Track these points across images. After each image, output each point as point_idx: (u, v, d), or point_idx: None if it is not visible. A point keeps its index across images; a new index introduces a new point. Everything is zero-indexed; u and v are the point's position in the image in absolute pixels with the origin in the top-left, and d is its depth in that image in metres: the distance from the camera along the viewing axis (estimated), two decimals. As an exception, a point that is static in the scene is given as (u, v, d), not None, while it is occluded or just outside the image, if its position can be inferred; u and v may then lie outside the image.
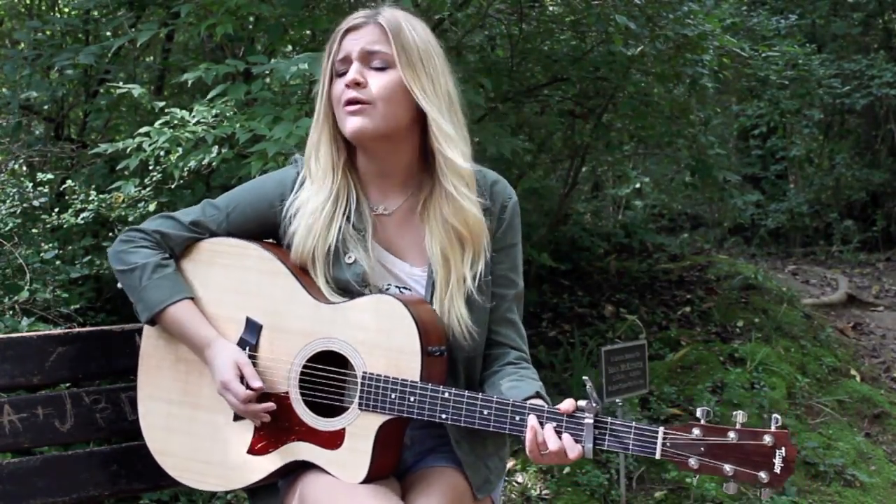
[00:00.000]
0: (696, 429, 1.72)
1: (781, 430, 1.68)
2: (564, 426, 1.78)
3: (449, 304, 1.94)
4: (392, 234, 2.04)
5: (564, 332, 5.67)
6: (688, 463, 1.71)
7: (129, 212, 3.52)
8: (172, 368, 2.06)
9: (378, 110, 1.92)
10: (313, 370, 1.95)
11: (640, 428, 1.74)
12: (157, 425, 2.06)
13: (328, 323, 1.93)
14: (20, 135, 4.94)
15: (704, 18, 4.89)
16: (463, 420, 1.84)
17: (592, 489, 3.97)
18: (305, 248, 1.98)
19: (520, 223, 2.09)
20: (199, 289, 2.04)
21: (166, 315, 1.99)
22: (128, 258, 2.02)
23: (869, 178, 10.30)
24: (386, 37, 1.93)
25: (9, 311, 3.44)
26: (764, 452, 1.68)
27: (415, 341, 1.86)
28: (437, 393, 1.85)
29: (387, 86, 1.91)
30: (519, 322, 2.10)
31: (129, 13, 4.51)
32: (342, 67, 1.95)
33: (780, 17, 7.74)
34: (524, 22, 5.01)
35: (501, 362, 2.04)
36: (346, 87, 1.92)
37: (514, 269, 2.06)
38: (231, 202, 2.08)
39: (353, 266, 1.97)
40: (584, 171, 7.00)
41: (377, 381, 1.87)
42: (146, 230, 2.05)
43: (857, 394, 5.31)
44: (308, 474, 1.92)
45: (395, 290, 2.02)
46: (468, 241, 1.96)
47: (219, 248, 2.05)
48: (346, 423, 1.90)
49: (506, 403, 1.82)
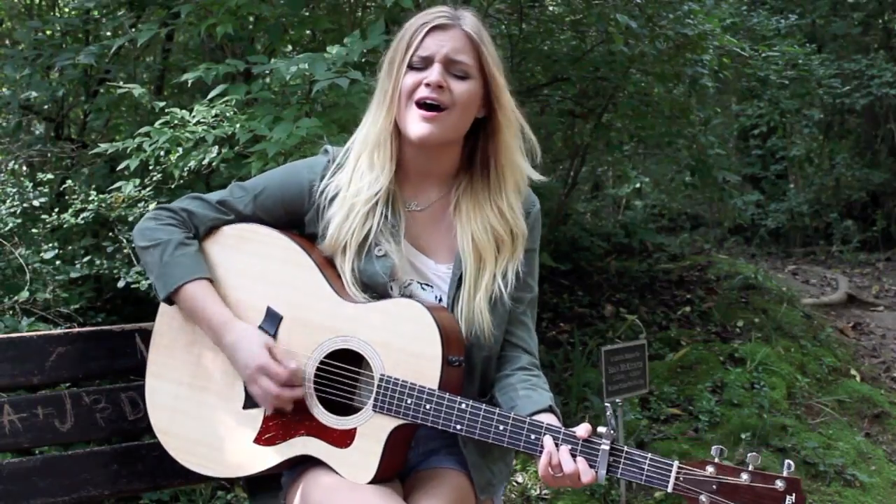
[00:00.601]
0: (710, 466, 1.73)
1: (794, 477, 1.70)
2: (580, 450, 1.79)
3: (476, 303, 1.95)
4: (420, 231, 2.04)
5: (564, 332, 5.67)
6: (698, 500, 1.73)
7: (129, 212, 3.52)
8: (185, 350, 2.05)
9: (451, 118, 1.94)
10: (329, 367, 1.94)
11: (655, 460, 1.75)
12: (164, 405, 2.05)
13: (350, 321, 1.93)
14: (20, 135, 4.94)
15: (704, 18, 4.89)
16: (478, 433, 1.83)
17: (592, 489, 3.97)
18: (341, 235, 1.97)
19: (540, 230, 2.13)
20: (222, 273, 2.03)
21: (184, 291, 1.97)
22: (152, 234, 2.01)
23: (869, 178, 10.30)
24: (471, 46, 1.95)
25: (9, 311, 3.44)
26: (775, 497, 1.69)
27: (437, 349, 1.86)
28: (454, 403, 1.84)
29: (466, 95, 1.94)
30: (532, 326, 2.11)
31: (129, 13, 4.51)
32: (420, 64, 1.94)
33: (780, 17, 7.75)
34: (524, 22, 5.01)
35: (514, 366, 2.04)
36: (426, 87, 1.91)
37: (531, 274, 2.09)
38: (259, 185, 2.07)
39: (384, 259, 1.97)
40: (584, 171, 7.01)
41: (395, 384, 1.87)
42: (174, 208, 2.05)
43: (857, 394, 5.31)
44: (312, 471, 1.92)
45: (416, 286, 2.01)
46: (506, 245, 1.99)
47: (246, 235, 2.04)
48: (358, 423, 1.89)
49: (522, 421, 1.82)
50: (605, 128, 5.75)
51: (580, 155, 6.07)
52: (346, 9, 4.57)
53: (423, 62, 1.94)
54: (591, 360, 5.07)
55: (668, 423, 4.71)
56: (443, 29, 1.94)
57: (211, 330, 1.97)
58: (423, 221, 2.05)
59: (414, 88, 1.93)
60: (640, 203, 9.79)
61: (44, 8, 5.68)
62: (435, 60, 1.93)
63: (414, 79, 1.93)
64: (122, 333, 2.23)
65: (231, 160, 3.48)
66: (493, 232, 1.98)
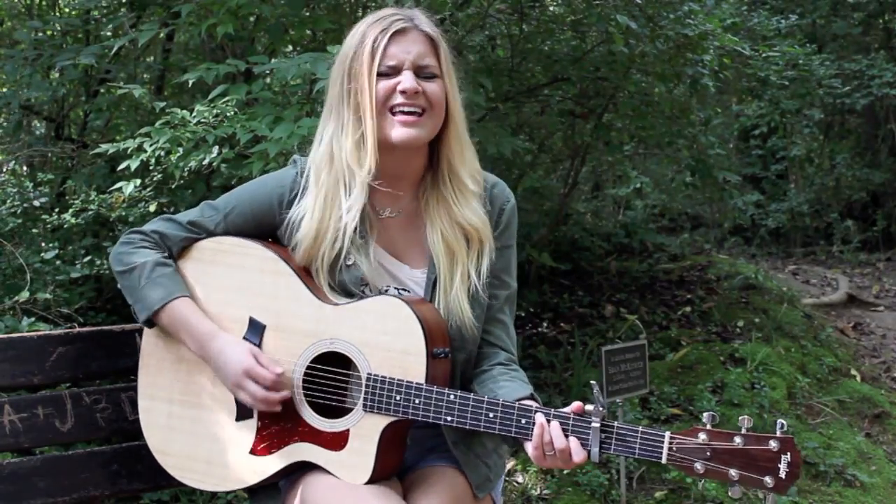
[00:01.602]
0: (702, 433, 1.72)
1: (787, 436, 1.69)
2: (571, 429, 1.79)
3: (453, 298, 1.96)
4: (394, 237, 2.05)
5: (564, 332, 5.67)
6: (693, 467, 1.72)
7: (130, 212, 3.52)
8: (173, 368, 2.06)
9: (430, 120, 1.95)
10: (317, 371, 1.94)
11: (647, 432, 1.75)
12: (158, 424, 2.06)
13: (332, 323, 1.93)
14: (20, 135, 4.94)
15: (705, 18, 4.89)
16: (469, 423, 1.84)
17: (593, 489, 3.97)
18: (309, 257, 1.98)
19: (516, 226, 2.13)
20: (201, 288, 2.04)
21: (165, 312, 1.98)
22: (127, 259, 2.03)
23: (869, 178, 10.29)
24: (433, 47, 1.97)
25: (9, 311, 3.44)
26: (769, 457, 1.68)
27: (420, 343, 1.86)
28: (442, 395, 1.85)
29: (439, 95, 1.95)
30: (510, 323, 2.11)
31: (130, 13, 4.51)
32: (388, 71, 1.94)
33: (780, 17, 7.74)
34: (524, 22, 5.01)
35: (491, 362, 2.04)
36: (401, 94, 1.92)
37: (507, 270, 2.09)
38: (229, 203, 2.08)
39: (352, 269, 1.98)
40: (584, 171, 7.00)
41: (382, 382, 1.87)
42: (145, 231, 2.07)
43: (857, 394, 5.31)
44: (310, 475, 1.92)
45: (393, 291, 2.02)
46: (474, 238, 1.99)
47: (221, 248, 2.05)
48: (350, 425, 1.90)
49: (512, 406, 1.82)
50: (606, 128, 5.75)
51: (580, 155, 6.06)
52: (347, 9, 4.57)
53: (390, 68, 1.93)
54: (592, 360, 5.07)
55: (668, 423, 4.71)
56: (402, 33, 1.95)
57: (195, 344, 1.98)
58: (397, 227, 2.05)
59: (388, 96, 1.93)
60: (640, 203, 9.78)
61: (44, 8, 5.68)
62: (404, 67, 1.93)
63: (385, 87, 1.93)
64: (122, 333, 2.23)
65: (232, 160, 3.48)
66: (460, 227, 1.99)
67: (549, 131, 5.92)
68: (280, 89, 3.85)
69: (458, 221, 1.98)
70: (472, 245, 2.00)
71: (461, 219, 1.98)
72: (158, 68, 5.20)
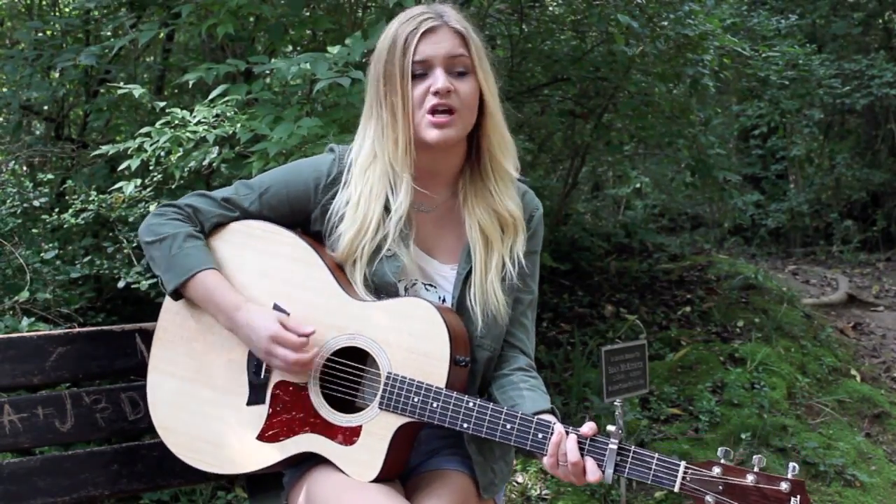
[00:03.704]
0: (717, 467, 1.74)
1: (799, 480, 1.71)
2: (587, 449, 1.79)
3: (490, 285, 1.98)
4: (428, 232, 2.06)
5: (564, 332, 5.67)
6: (704, 499, 1.73)
7: (130, 212, 3.52)
8: (188, 346, 2.05)
9: (463, 118, 1.96)
10: (335, 364, 1.94)
11: (663, 459, 1.76)
12: (165, 400, 2.05)
13: (357, 319, 1.93)
14: (20, 135, 4.94)
15: (705, 18, 4.90)
16: (485, 432, 1.84)
17: (593, 490, 3.97)
18: (352, 249, 1.98)
19: (542, 234, 2.17)
20: (229, 270, 2.02)
21: (194, 282, 1.97)
22: (159, 229, 2.01)
23: (869, 178, 10.29)
24: (464, 42, 1.97)
25: (9, 311, 3.44)
26: (780, 498, 1.70)
27: (445, 348, 1.86)
28: (461, 402, 1.84)
29: (471, 93, 1.96)
30: (531, 328, 2.12)
31: (130, 13, 4.51)
32: (420, 69, 1.94)
33: (780, 17, 7.74)
34: (524, 22, 5.01)
35: (513, 365, 2.04)
36: (434, 94, 1.92)
37: (532, 276, 2.11)
38: (264, 183, 2.07)
39: (392, 259, 1.98)
40: (584, 171, 7.00)
41: (402, 382, 1.87)
42: (178, 204, 2.06)
43: (857, 394, 5.31)
44: (316, 470, 1.92)
45: (420, 286, 2.02)
46: (510, 225, 2.02)
47: (253, 232, 2.04)
48: (364, 421, 1.90)
49: (529, 420, 1.83)
50: (606, 128, 5.75)
51: (580, 155, 6.07)
52: (347, 9, 4.58)
53: (422, 67, 1.94)
54: (592, 360, 5.07)
55: (668, 423, 4.71)
56: (433, 32, 1.95)
57: (223, 314, 1.96)
58: (431, 223, 2.06)
59: (422, 98, 1.93)
60: (640, 203, 9.79)
61: (44, 8, 5.68)
62: (435, 65, 1.94)
63: (420, 88, 1.94)
64: (122, 333, 2.23)
65: (232, 160, 3.48)
66: (497, 216, 2.02)
67: (549, 131, 5.93)
68: (280, 89, 3.85)
69: (495, 209, 2.01)
70: (507, 232, 2.02)
71: (500, 207, 2.01)
72: (158, 68, 5.20)
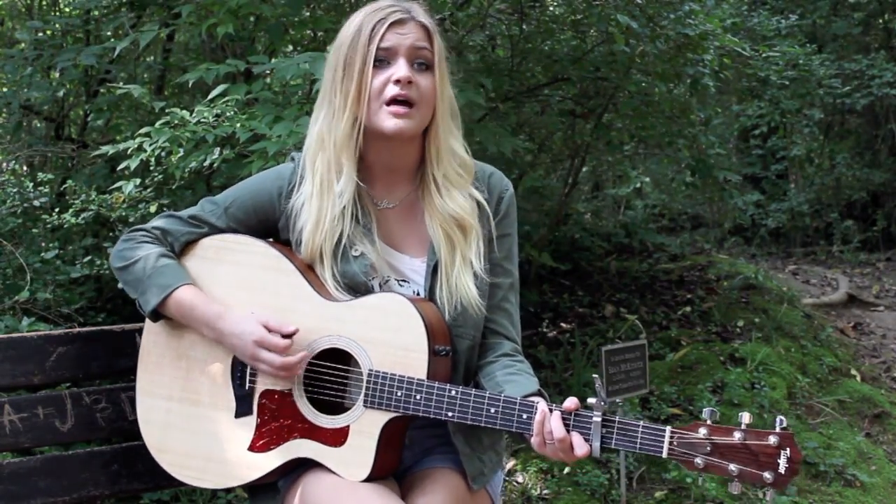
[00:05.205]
0: (703, 428, 1.73)
1: (786, 432, 1.70)
2: (573, 424, 1.79)
3: (456, 277, 1.97)
4: (393, 228, 2.06)
5: (564, 332, 5.67)
6: (694, 462, 1.72)
7: (130, 212, 3.52)
8: (173, 365, 2.06)
9: (421, 111, 1.96)
10: (318, 367, 1.95)
11: (648, 427, 1.75)
12: (156, 422, 2.06)
13: (335, 320, 1.94)
14: (21, 135, 4.95)
15: (705, 18, 4.89)
16: (470, 418, 1.84)
17: (593, 489, 3.97)
18: (315, 242, 1.98)
19: (516, 214, 2.13)
20: (204, 284, 2.03)
21: (174, 298, 1.97)
22: (129, 254, 2.03)
23: (869, 178, 10.28)
24: (428, 37, 1.98)
25: (9, 311, 3.44)
26: (769, 453, 1.69)
27: (422, 340, 1.87)
28: (443, 391, 1.85)
29: (431, 88, 1.96)
30: (514, 312, 2.11)
31: (130, 13, 4.51)
32: (383, 56, 1.94)
33: (780, 17, 7.75)
34: (525, 22, 5.01)
35: (497, 352, 2.04)
36: (395, 84, 1.92)
37: (508, 258, 2.09)
38: (228, 197, 2.09)
39: (361, 259, 1.98)
40: (584, 171, 7.00)
41: (383, 378, 1.88)
42: (146, 228, 2.07)
43: (857, 394, 5.31)
44: (310, 473, 1.92)
45: (394, 282, 2.03)
46: (468, 225, 2.00)
47: (225, 245, 2.05)
48: (350, 421, 1.90)
49: (513, 401, 1.83)
50: (606, 128, 5.74)
51: (580, 155, 6.06)
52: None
53: (386, 55, 1.94)
54: (592, 360, 5.07)
55: (668, 423, 4.70)
56: (400, 23, 1.96)
57: (207, 326, 1.97)
58: (395, 218, 2.06)
59: (382, 87, 1.93)
60: (640, 203, 9.78)
61: (44, 8, 5.68)
62: (399, 54, 1.94)
63: (381, 78, 1.93)
64: (122, 333, 2.23)
65: (232, 160, 3.48)
66: (453, 217, 2.00)
67: (549, 131, 5.92)
68: (280, 89, 3.85)
69: (448, 211, 2.00)
70: (468, 232, 2.01)
71: (449, 209, 1.99)
72: (158, 68, 5.20)
